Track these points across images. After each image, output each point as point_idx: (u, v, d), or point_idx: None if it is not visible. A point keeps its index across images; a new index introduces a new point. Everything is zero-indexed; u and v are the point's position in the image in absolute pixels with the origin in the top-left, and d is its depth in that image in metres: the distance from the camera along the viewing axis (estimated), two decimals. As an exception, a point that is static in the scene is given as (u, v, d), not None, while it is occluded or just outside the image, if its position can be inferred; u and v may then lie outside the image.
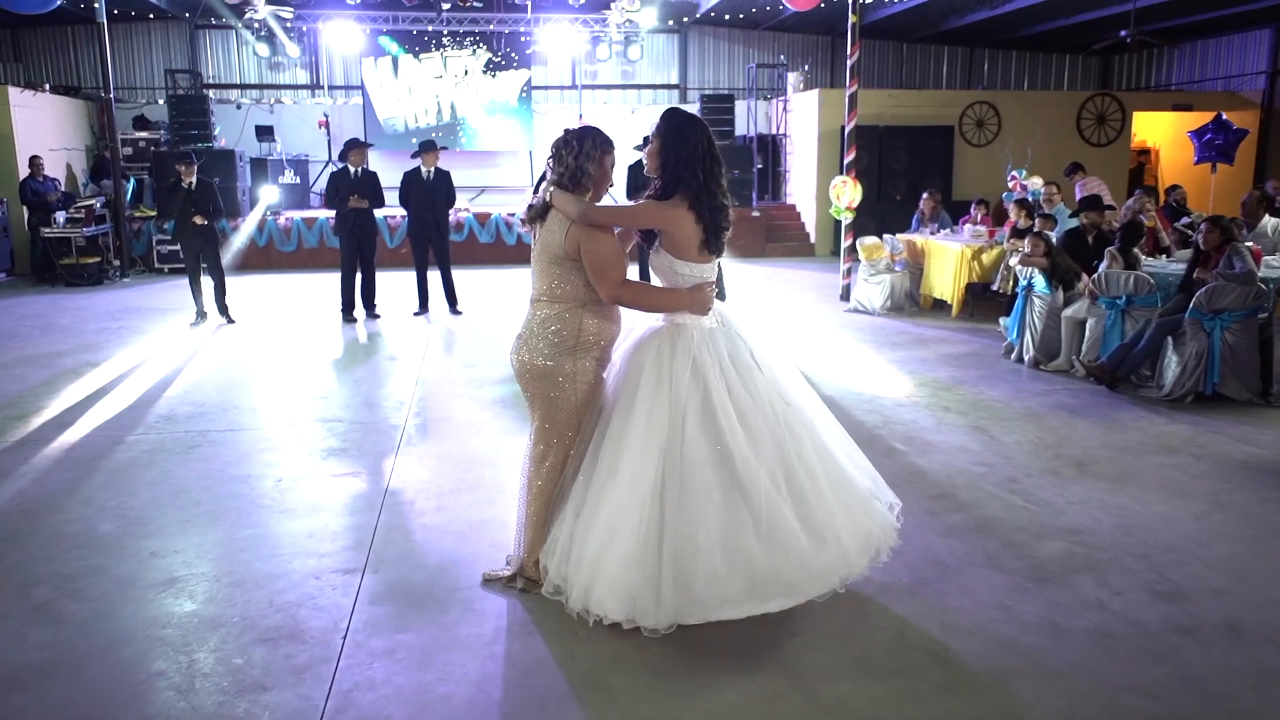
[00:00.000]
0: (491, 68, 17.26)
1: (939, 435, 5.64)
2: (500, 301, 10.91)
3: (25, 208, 13.24)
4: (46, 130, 14.52)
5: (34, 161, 13.14)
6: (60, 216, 12.77)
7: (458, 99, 17.25)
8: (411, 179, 9.92)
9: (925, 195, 11.28)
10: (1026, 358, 7.53)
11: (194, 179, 9.53)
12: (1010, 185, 10.91)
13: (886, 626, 3.33)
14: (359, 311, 9.82)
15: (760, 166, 16.51)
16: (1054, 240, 7.78)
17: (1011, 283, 8.78)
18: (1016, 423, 5.90)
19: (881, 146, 15.28)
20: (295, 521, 4.35)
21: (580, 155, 3.28)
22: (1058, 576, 3.72)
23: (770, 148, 16.95)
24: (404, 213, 10.37)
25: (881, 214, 14.45)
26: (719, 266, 3.45)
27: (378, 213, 9.85)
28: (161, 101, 16.69)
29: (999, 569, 3.80)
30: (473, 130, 17.34)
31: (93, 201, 13.44)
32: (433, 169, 9.90)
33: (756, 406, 3.20)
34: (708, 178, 3.22)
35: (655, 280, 3.45)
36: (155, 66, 17.53)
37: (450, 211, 10.42)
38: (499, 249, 14.88)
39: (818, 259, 15.29)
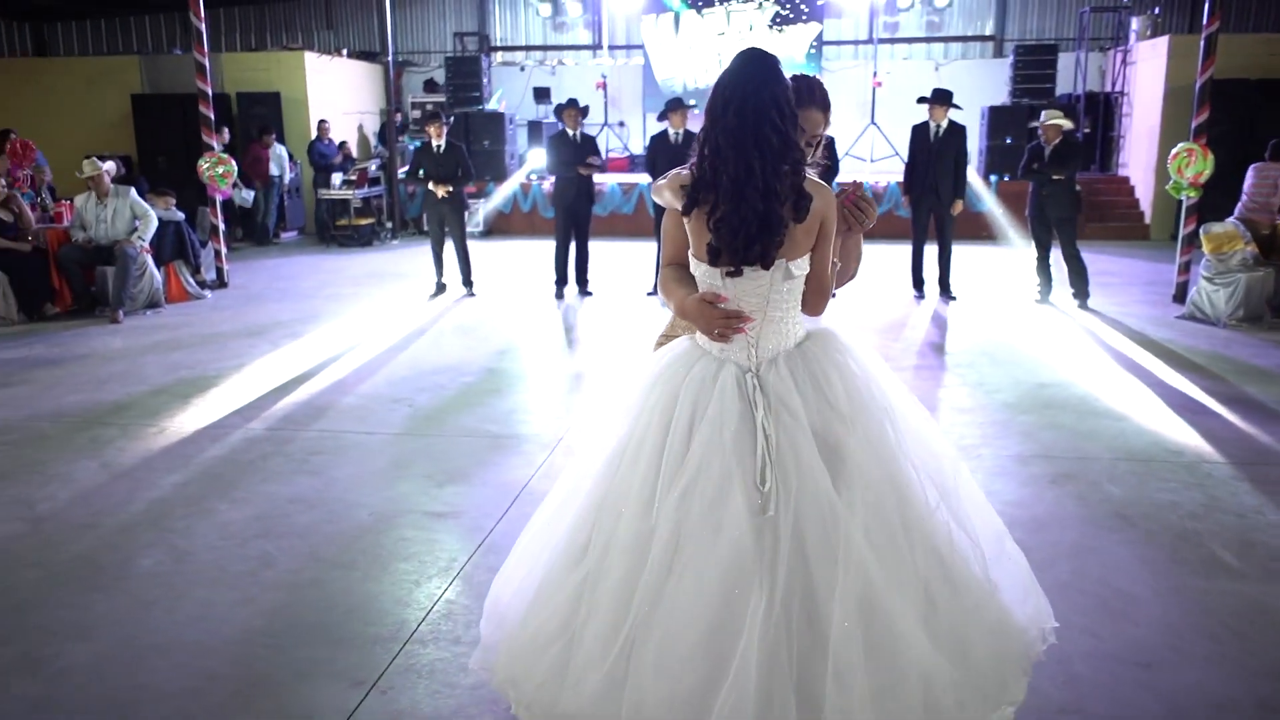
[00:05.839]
0: (779, 21, 15.77)
1: (1299, 543, 3.71)
2: (857, 282, 9.44)
3: (311, 169, 13.71)
4: (342, 94, 15.03)
5: (320, 125, 13.53)
6: (337, 179, 13.06)
7: (740, 57, 15.97)
8: (658, 143, 8.88)
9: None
10: None
11: (443, 141, 9.07)
12: None
13: None
14: (570, 288, 8.99)
15: (1087, 131, 13.83)
16: None
17: None
18: None
19: (1250, 107, 12.15)
20: (349, 585, 3.41)
21: None
22: None
23: (1101, 108, 14.17)
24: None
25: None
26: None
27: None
28: (448, 65, 16.88)
29: None
30: (755, 91, 16.00)
31: (367, 164, 13.67)
32: (681, 131, 8.79)
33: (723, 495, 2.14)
34: (726, 152, 2.14)
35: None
36: (447, 30, 17.75)
37: None
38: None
39: (1152, 244, 12.52)
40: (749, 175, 2.12)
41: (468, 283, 9.21)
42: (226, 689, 2.76)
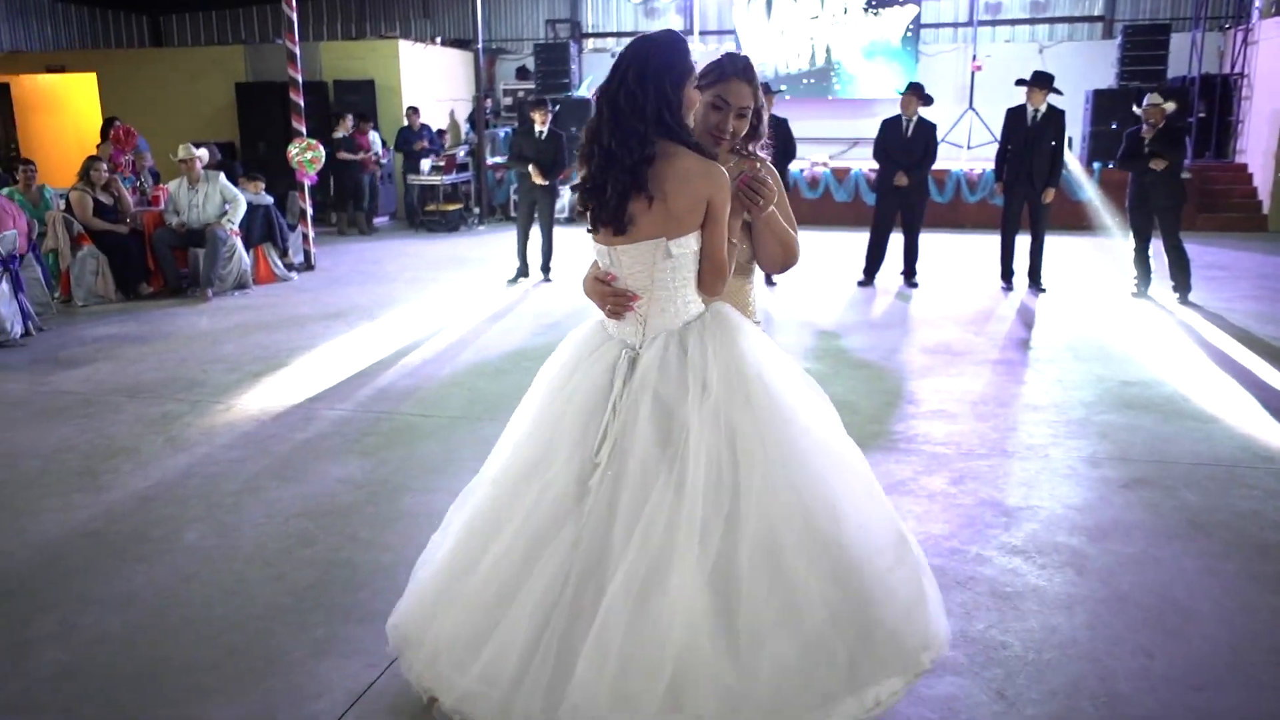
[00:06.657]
0: (874, 5, 15.34)
1: (1392, 561, 3.40)
2: (944, 273, 8.83)
3: (401, 155, 13.95)
4: (436, 82, 15.25)
5: (408, 112, 13.75)
6: (426, 165, 13.27)
7: (833, 41, 15.62)
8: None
9: None
10: None
11: (546, 128, 9.06)
12: None
13: None
14: None
15: (1202, 115, 13.07)
16: None
17: None
18: None
19: (1387, 88, 11.30)
20: (380, 566, 3.43)
21: None
22: None
23: (1218, 91, 13.35)
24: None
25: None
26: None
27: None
28: (540, 52, 16.95)
29: None
30: (848, 76, 15.64)
31: (456, 150, 13.85)
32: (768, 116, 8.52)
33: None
34: (604, 112, 2.25)
35: None
36: (539, 17, 17.84)
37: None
38: (857, 208, 13.21)
39: (1270, 236, 11.77)
40: (598, 130, 2.21)
41: (546, 269, 9.22)
42: (244, 664, 2.80)
